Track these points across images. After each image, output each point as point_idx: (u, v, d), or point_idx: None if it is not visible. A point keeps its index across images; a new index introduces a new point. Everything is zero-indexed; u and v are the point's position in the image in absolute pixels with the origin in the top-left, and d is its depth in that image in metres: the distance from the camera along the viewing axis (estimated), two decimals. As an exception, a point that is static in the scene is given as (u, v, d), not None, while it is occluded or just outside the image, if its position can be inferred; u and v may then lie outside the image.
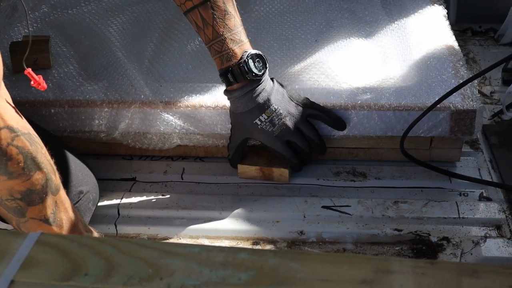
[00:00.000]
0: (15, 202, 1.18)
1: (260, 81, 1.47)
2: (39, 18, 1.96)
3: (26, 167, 1.17)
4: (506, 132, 1.68)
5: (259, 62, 1.49)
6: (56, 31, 1.88)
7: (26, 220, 1.21)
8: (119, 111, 1.58)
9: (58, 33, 1.87)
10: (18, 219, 1.22)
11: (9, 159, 1.14)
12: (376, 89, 1.58)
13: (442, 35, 1.77)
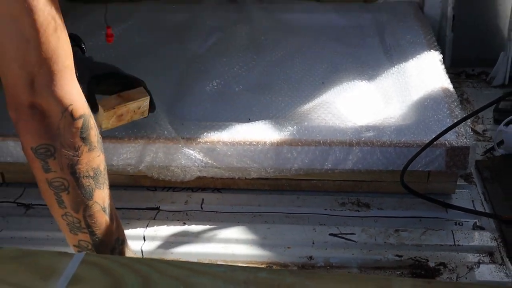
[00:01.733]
0: (88, 180, 1.16)
1: None
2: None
3: (99, 141, 1.17)
4: (498, 167, 1.68)
5: None
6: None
7: (92, 203, 1.18)
8: (144, 146, 1.59)
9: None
10: (87, 203, 1.18)
11: (91, 128, 1.14)
12: (378, 127, 1.59)
13: (438, 78, 1.79)
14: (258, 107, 1.76)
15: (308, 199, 1.62)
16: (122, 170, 1.63)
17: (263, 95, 1.82)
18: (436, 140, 1.49)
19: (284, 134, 1.59)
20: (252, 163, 1.59)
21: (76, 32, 2.13)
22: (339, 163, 1.56)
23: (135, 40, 2.10)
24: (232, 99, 1.83)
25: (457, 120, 1.54)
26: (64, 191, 1.15)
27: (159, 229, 1.54)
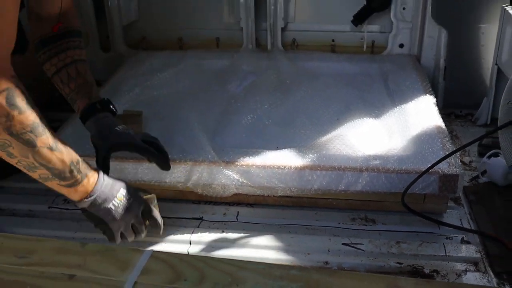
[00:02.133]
0: (27, 134, 1.17)
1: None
2: (134, 97, 2.01)
3: (28, 103, 1.17)
4: (481, 192, 1.67)
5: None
6: (147, 107, 1.90)
7: (38, 149, 1.20)
8: (192, 167, 1.59)
9: (148, 109, 1.89)
10: (33, 150, 1.20)
11: (17, 96, 1.15)
12: (383, 157, 1.59)
13: (432, 117, 1.78)
14: (284, 138, 1.75)
15: (324, 214, 1.62)
16: (173, 186, 1.64)
17: (288, 128, 1.82)
18: (431, 169, 1.49)
19: (305, 160, 1.59)
20: (279, 183, 1.58)
21: (135, 73, 2.20)
22: (350, 185, 1.56)
23: (184, 82, 2.11)
24: (263, 130, 1.83)
25: (448, 153, 1.53)
26: (9, 147, 1.18)
27: (202, 236, 1.54)
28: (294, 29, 2.43)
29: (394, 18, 2.30)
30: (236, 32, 2.45)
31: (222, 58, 2.35)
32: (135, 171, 1.63)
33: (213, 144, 1.70)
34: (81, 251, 0.92)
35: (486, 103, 2.08)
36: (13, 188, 1.79)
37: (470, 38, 2.15)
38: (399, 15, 2.28)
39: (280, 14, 2.36)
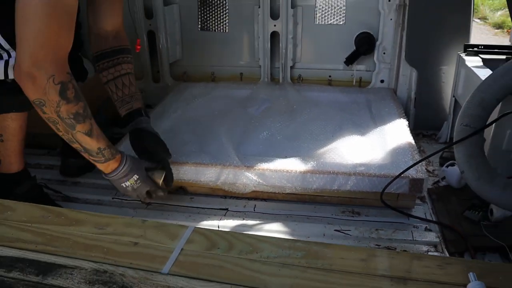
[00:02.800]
0: (70, 119, 1.23)
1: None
2: (177, 117, 2.01)
3: (76, 96, 1.21)
4: (441, 193, 1.67)
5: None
6: (187, 125, 1.93)
7: (76, 132, 1.26)
8: (221, 170, 1.61)
9: (187, 126, 1.92)
10: (72, 131, 1.26)
11: (69, 89, 1.19)
12: (367, 164, 1.59)
13: (405, 136, 1.77)
14: (291, 149, 1.75)
15: (321, 208, 1.63)
16: (205, 184, 1.65)
17: (294, 141, 1.81)
18: (402, 174, 1.49)
19: (307, 166, 1.59)
20: (287, 183, 1.59)
21: (178, 99, 2.23)
22: (341, 186, 1.56)
23: (215, 106, 2.11)
24: (275, 143, 1.82)
25: (416, 161, 1.53)
26: (57, 124, 1.24)
27: (227, 222, 1.55)
28: (300, 67, 2.43)
29: (377, 60, 2.29)
30: (255, 69, 2.46)
31: (244, 88, 2.36)
32: (178, 171, 1.64)
33: (237, 152, 1.70)
34: (142, 225, 0.96)
35: (446, 126, 2.07)
36: (86, 183, 1.83)
37: (434, 77, 2.12)
38: (380, 58, 2.28)
39: (289, 56, 2.37)
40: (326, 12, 2.31)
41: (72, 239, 0.92)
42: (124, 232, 0.94)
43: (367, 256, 0.87)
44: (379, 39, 2.24)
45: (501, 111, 1.48)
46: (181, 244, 0.90)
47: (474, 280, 0.82)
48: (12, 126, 1.50)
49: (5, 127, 1.50)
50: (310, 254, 0.88)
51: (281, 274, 0.85)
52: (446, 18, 2.02)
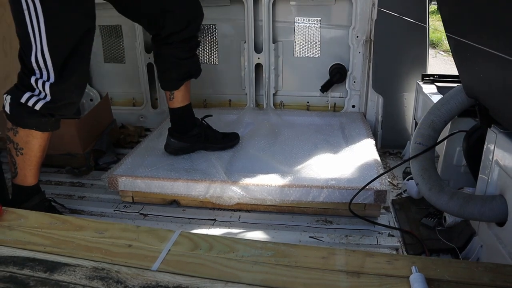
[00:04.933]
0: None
1: None
2: None
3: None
4: (403, 203, 1.71)
5: None
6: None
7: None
8: (209, 185, 1.65)
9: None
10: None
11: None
12: (338, 179, 1.64)
13: (372, 154, 1.83)
14: (273, 165, 1.78)
15: (298, 217, 1.65)
16: (196, 197, 1.68)
17: (275, 159, 1.84)
18: (368, 185, 1.54)
19: (285, 181, 1.63)
20: (268, 196, 1.62)
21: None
22: (315, 198, 1.60)
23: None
24: (259, 160, 1.85)
25: (378, 175, 1.59)
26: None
27: (215, 231, 1.58)
28: (282, 94, 2.48)
29: (348, 88, 2.35)
30: (242, 96, 2.50)
31: (232, 113, 2.38)
32: (172, 186, 1.68)
33: (224, 169, 1.74)
34: (136, 230, 1.01)
35: (409, 145, 2.04)
36: (91, 197, 1.87)
37: (397, 102, 2.17)
38: (351, 86, 2.34)
39: (272, 85, 2.43)
40: (304, 46, 2.39)
41: (75, 242, 0.97)
42: (120, 236, 0.99)
43: (327, 254, 0.93)
44: (350, 69, 2.32)
45: (450, 130, 1.56)
46: (168, 245, 0.95)
47: (415, 272, 0.89)
48: (33, 142, 1.49)
49: (27, 142, 1.48)
50: (279, 253, 0.94)
51: (254, 270, 0.90)
52: (406, 51, 2.11)
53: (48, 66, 1.31)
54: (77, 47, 1.33)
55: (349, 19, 2.25)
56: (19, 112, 1.39)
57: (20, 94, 1.37)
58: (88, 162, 2.10)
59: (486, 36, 1.05)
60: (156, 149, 1.92)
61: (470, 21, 1.08)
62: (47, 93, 1.34)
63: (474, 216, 1.29)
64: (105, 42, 2.56)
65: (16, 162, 1.49)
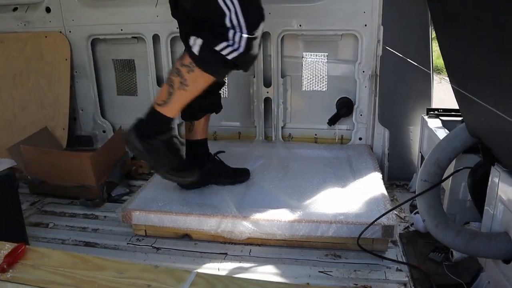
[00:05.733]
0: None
1: None
2: None
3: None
4: (410, 237, 1.73)
5: None
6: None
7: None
8: (221, 219, 1.69)
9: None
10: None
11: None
12: (346, 214, 1.67)
13: (379, 188, 1.87)
14: (282, 200, 1.82)
15: (307, 251, 1.67)
16: (207, 232, 1.71)
17: (285, 193, 1.87)
18: (376, 221, 1.59)
19: (295, 216, 1.67)
20: (278, 230, 1.65)
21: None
22: (324, 233, 1.63)
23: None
24: (269, 194, 1.88)
25: (386, 211, 1.63)
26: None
27: (226, 265, 1.60)
28: (290, 127, 2.51)
29: (355, 121, 2.39)
30: (251, 129, 2.53)
31: (242, 146, 2.41)
32: (184, 221, 1.73)
33: (235, 203, 1.78)
34: (154, 270, 1.05)
35: (415, 177, 2.11)
36: (105, 230, 1.92)
37: (403, 135, 2.21)
38: (358, 119, 2.38)
39: (280, 118, 2.47)
40: (311, 80, 2.45)
41: (97, 282, 1.02)
42: (140, 276, 1.03)
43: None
44: (356, 103, 2.37)
45: (455, 167, 1.61)
46: (186, 286, 0.99)
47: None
48: (201, 85, 1.63)
49: (197, 82, 1.60)
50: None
51: (268, 310, 0.94)
52: (411, 86, 2.17)
53: (241, 24, 1.50)
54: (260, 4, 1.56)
55: (355, 54, 2.32)
56: (209, 57, 1.53)
57: (216, 41, 1.51)
58: (102, 194, 2.16)
59: (487, 83, 1.11)
60: (168, 184, 1.97)
61: (472, 71, 1.14)
62: (242, 45, 1.51)
63: (479, 254, 1.33)
64: (118, 76, 2.66)
65: (173, 93, 1.59)
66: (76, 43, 2.55)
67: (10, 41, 2.60)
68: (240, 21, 1.50)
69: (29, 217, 2.04)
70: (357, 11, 2.22)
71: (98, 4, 2.49)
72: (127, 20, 2.45)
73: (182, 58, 1.59)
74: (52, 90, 2.55)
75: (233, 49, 1.51)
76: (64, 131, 2.55)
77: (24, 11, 2.57)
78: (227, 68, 1.59)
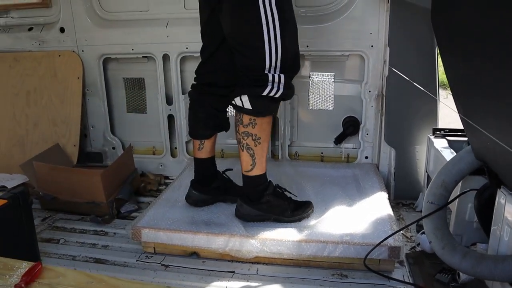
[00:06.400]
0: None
1: None
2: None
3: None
4: (417, 257, 1.73)
5: None
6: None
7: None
8: (229, 238, 1.71)
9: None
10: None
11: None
12: (352, 234, 1.69)
13: (385, 208, 1.88)
14: None
15: (314, 271, 1.68)
16: (215, 250, 1.73)
17: None
18: (382, 242, 1.60)
19: (302, 235, 1.69)
20: (285, 250, 1.67)
21: (191, 175, 2.33)
22: (331, 253, 1.64)
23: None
24: None
25: (393, 232, 1.64)
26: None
27: (234, 284, 1.61)
28: (297, 145, 2.53)
29: (361, 140, 2.41)
30: None
31: None
32: (192, 239, 1.74)
33: (243, 221, 1.80)
34: None
35: (421, 196, 2.12)
36: (114, 246, 1.94)
37: (409, 154, 2.22)
38: (364, 138, 2.40)
39: (287, 136, 2.49)
40: (318, 99, 2.48)
41: (110, 303, 1.04)
42: None
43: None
44: (363, 122, 2.40)
45: (462, 188, 1.62)
46: None
47: None
48: (267, 129, 1.75)
49: (264, 130, 1.73)
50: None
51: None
52: (417, 106, 2.19)
53: (278, 61, 1.64)
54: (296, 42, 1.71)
55: (362, 74, 2.35)
56: (262, 104, 1.67)
57: (259, 90, 1.65)
58: (111, 210, 2.19)
59: (492, 111, 1.13)
60: (177, 201, 2.00)
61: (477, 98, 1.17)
62: (283, 81, 1.65)
63: (486, 276, 1.33)
64: (128, 93, 2.70)
65: (254, 153, 1.72)
66: (88, 62, 2.61)
67: (25, 60, 2.66)
68: (277, 60, 1.63)
69: (41, 233, 2.07)
70: (364, 32, 2.26)
71: (110, 25, 2.54)
72: (138, 40, 2.50)
73: (241, 121, 1.70)
74: (64, 107, 2.60)
75: (277, 89, 1.65)
76: (75, 147, 2.59)
77: (39, 31, 2.64)
78: (278, 103, 1.73)
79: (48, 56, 2.63)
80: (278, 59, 1.63)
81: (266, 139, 1.74)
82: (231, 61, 1.73)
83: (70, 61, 2.61)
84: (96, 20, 2.56)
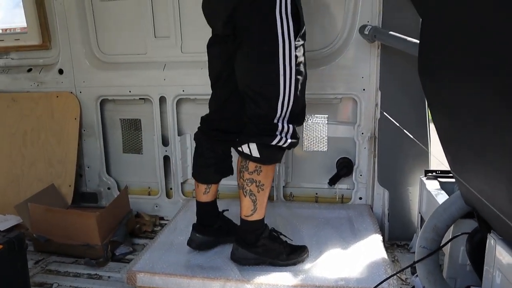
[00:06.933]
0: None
1: None
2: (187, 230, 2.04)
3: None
4: None
5: None
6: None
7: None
8: (225, 283, 1.71)
9: None
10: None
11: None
12: (346, 279, 1.70)
13: (379, 251, 1.90)
14: None
15: None
16: None
17: None
18: (377, 287, 1.60)
19: (297, 280, 1.72)
20: None
21: (186, 216, 2.32)
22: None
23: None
24: None
25: (387, 277, 1.65)
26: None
27: None
28: (291, 186, 2.56)
29: (355, 181, 2.44)
30: None
31: None
32: (188, 284, 1.75)
33: (239, 265, 1.81)
34: None
35: (415, 237, 2.11)
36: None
37: (402, 195, 2.26)
38: (358, 179, 2.43)
39: (282, 177, 2.52)
40: (312, 141, 2.53)
41: None
42: None
43: None
44: (356, 163, 2.44)
45: (453, 232, 1.65)
46: None
47: None
48: (271, 175, 1.79)
49: (268, 176, 1.76)
50: None
51: None
52: (409, 147, 2.24)
53: (288, 112, 1.69)
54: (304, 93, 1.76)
55: (354, 117, 2.41)
56: (269, 153, 1.71)
57: (269, 139, 1.69)
58: (106, 253, 2.19)
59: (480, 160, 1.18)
60: (172, 244, 2.01)
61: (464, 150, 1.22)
62: (291, 131, 1.71)
63: (480, 322, 1.35)
64: (124, 134, 2.75)
65: (256, 199, 1.75)
66: (85, 103, 2.66)
67: (23, 100, 2.72)
68: (288, 110, 1.69)
69: (34, 276, 2.06)
70: (356, 76, 2.34)
71: (108, 67, 2.62)
72: (136, 82, 2.57)
73: (246, 168, 1.73)
74: (61, 148, 2.64)
75: (285, 140, 1.70)
76: (70, 188, 2.61)
77: (38, 72, 2.71)
78: (284, 151, 1.77)
79: (46, 97, 2.69)
80: (288, 110, 1.68)
81: (268, 186, 1.78)
82: (242, 108, 1.78)
83: (67, 102, 2.66)
84: (95, 62, 2.63)
